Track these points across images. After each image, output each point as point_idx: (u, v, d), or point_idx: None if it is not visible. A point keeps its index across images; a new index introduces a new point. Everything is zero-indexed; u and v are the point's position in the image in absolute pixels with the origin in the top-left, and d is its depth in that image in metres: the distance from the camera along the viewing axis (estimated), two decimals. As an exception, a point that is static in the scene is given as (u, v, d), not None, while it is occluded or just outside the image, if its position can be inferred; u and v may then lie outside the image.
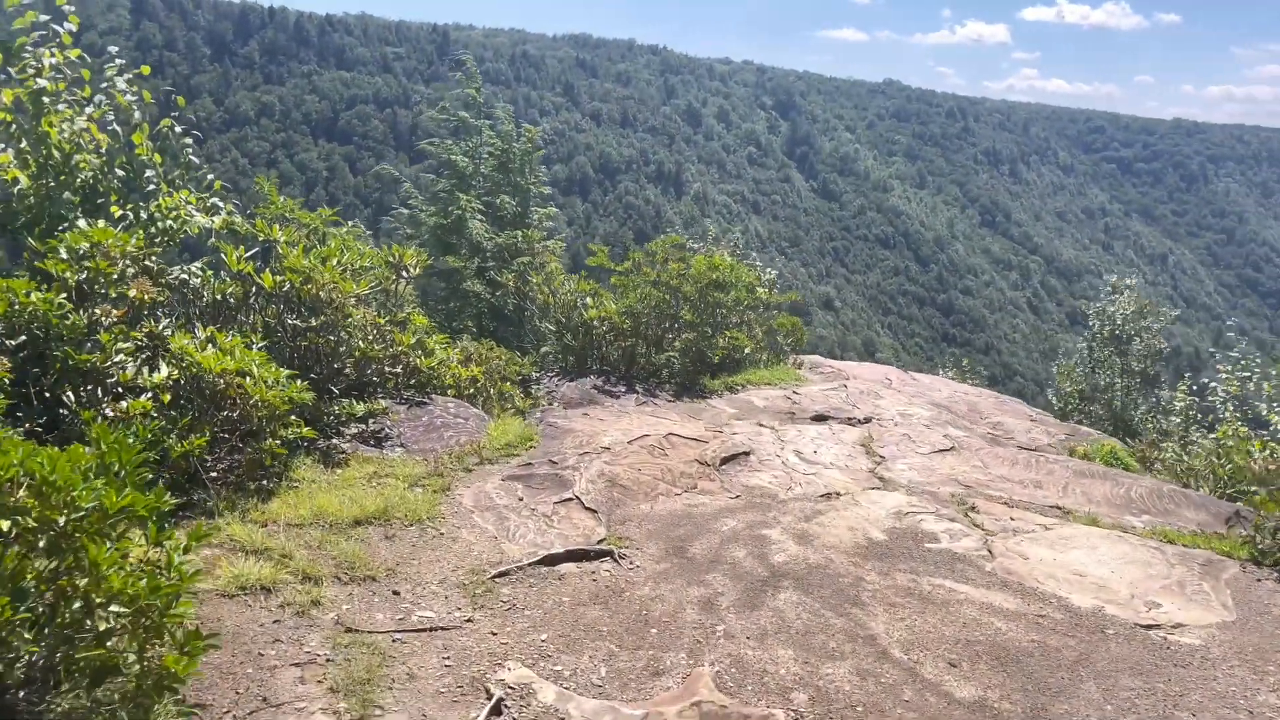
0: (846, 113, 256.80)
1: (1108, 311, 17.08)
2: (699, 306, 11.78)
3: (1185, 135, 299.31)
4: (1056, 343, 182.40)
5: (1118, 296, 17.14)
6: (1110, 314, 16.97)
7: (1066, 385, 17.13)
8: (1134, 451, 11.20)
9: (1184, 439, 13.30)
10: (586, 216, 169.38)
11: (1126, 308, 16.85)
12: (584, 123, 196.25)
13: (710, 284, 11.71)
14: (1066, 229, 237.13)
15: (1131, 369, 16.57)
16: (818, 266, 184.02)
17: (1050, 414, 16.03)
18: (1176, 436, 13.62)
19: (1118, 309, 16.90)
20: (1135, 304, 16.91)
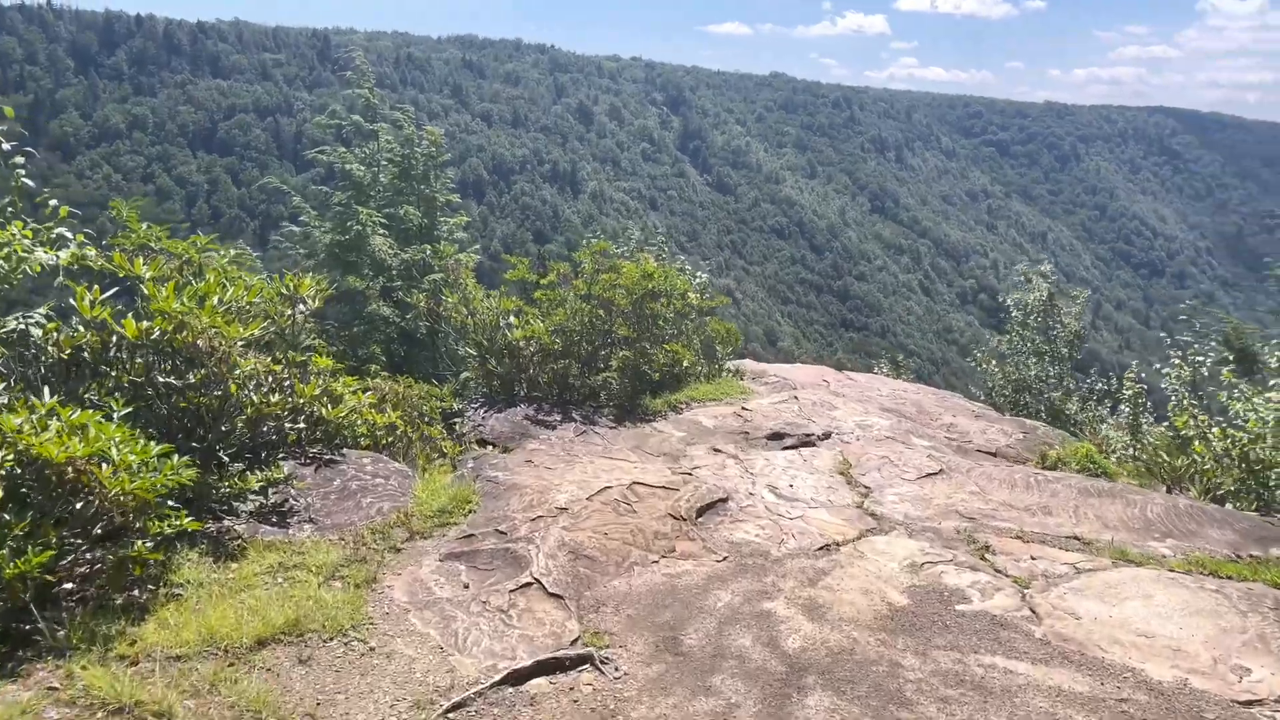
0: (736, 106, 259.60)
1: (1027, 301, 16.74)
2: (635, 320, 10.74)
3: (1056, 117, 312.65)
4: (949, 323, 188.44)
5: (1033, 284, 16.83)
6: (1030, 303, 16.64)
7: (998, 378, 16.72)
8: (1107, 454, 10.64)
9: (1134, 428, 12.89)
10: (484, 219, 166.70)
11: (1043, 294, 16.55)
12: (475, 124, 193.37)
13: (645, 294, 10.67)
14: (952, 212, 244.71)
15: (1061, 355, 16.25)
16: (716, 260, 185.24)
17: (989, 408, 15.53)
18: (1125, 427, 13.22)
19: (1035, 297, 16.58)
20: (1049, 289, 16.63)
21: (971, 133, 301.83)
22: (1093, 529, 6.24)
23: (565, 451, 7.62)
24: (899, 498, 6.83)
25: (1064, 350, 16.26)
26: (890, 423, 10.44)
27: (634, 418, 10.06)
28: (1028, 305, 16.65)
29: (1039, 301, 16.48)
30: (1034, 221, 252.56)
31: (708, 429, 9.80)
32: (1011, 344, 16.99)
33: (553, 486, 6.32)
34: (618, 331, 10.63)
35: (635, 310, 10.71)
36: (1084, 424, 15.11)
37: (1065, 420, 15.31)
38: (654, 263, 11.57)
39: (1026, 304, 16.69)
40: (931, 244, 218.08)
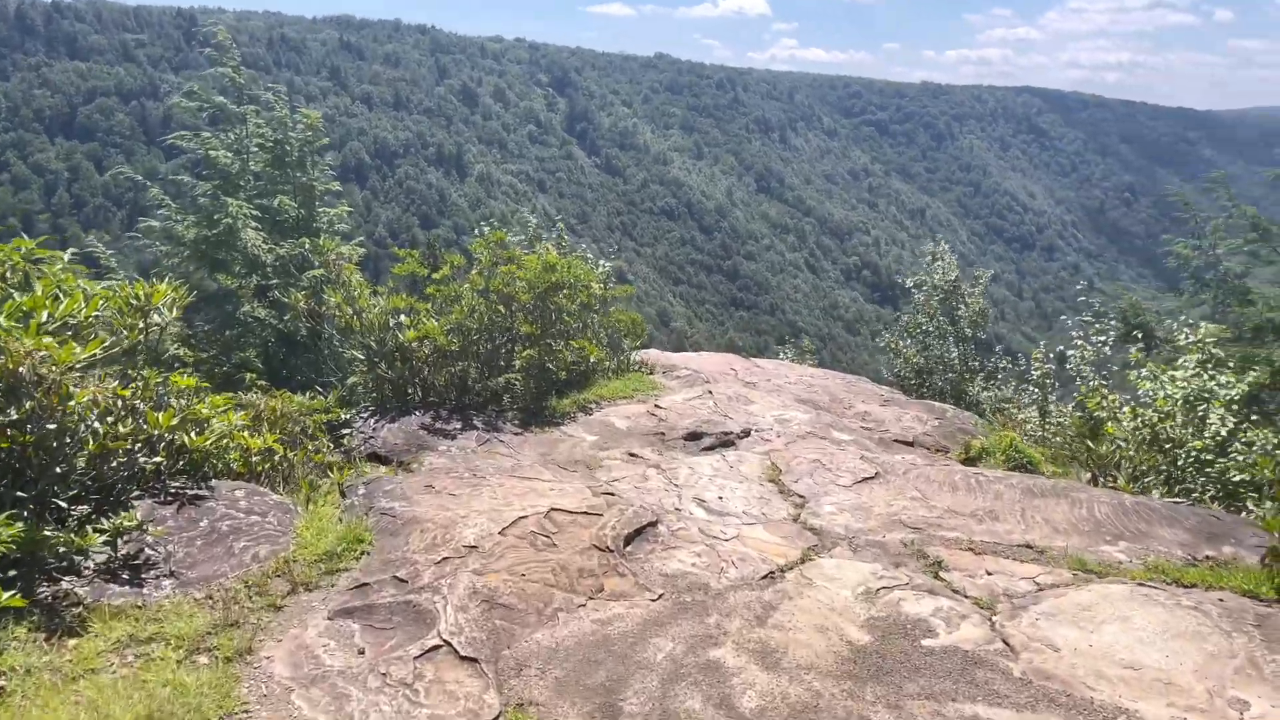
0: (622, 88, 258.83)
1: (933, 280, 16.60)
2: (538, 315, 9.97)
3: (932, 97, 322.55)
4: (835, 299, 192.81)
5: (939, 263, 16.71)
6: (936, 283, 16.50)
7: (905, 357, 16.54)
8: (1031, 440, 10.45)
9: (1042, 410, 12.83)
10: (367, 204, 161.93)
11: (949, 274, 16.45)
12: (355, 107, 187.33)
13: (549, 287, 9.91)
14: (835, 190, 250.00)
15: (965, 335, 16.19)
16: (607, 242, 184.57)
17: (897, 391, 15.36)
18: (1034, 407, 13.16)
19: (941, 276, 16.46)
20: (955, 268, 16.55)
21: (852, 112, 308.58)
22: (1043, 535, 5.84)
23: (470, 471, 6.83)
24: (836, 507, 6.32)
25: (967, 331, 16.20)
26: (809, 416, 9.98)
27: (541, 421, 9.33)
28: (934, 286, 16.52)
29: (945, 282, 16.37)
30: (913, 199, 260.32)
31: (621, 431, 9.15)
32: (916, 326, 16.85)
33: (458, 519, 5.55)
34: (520, 328, 9.86)
35: (538, 305, 9.95)
36: (987, 405, 15.07)
37: (969, 401, 15.24)
38: (555, 253, 10.81)
39: (932, 284, 16.56)
40: (816, 222, 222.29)
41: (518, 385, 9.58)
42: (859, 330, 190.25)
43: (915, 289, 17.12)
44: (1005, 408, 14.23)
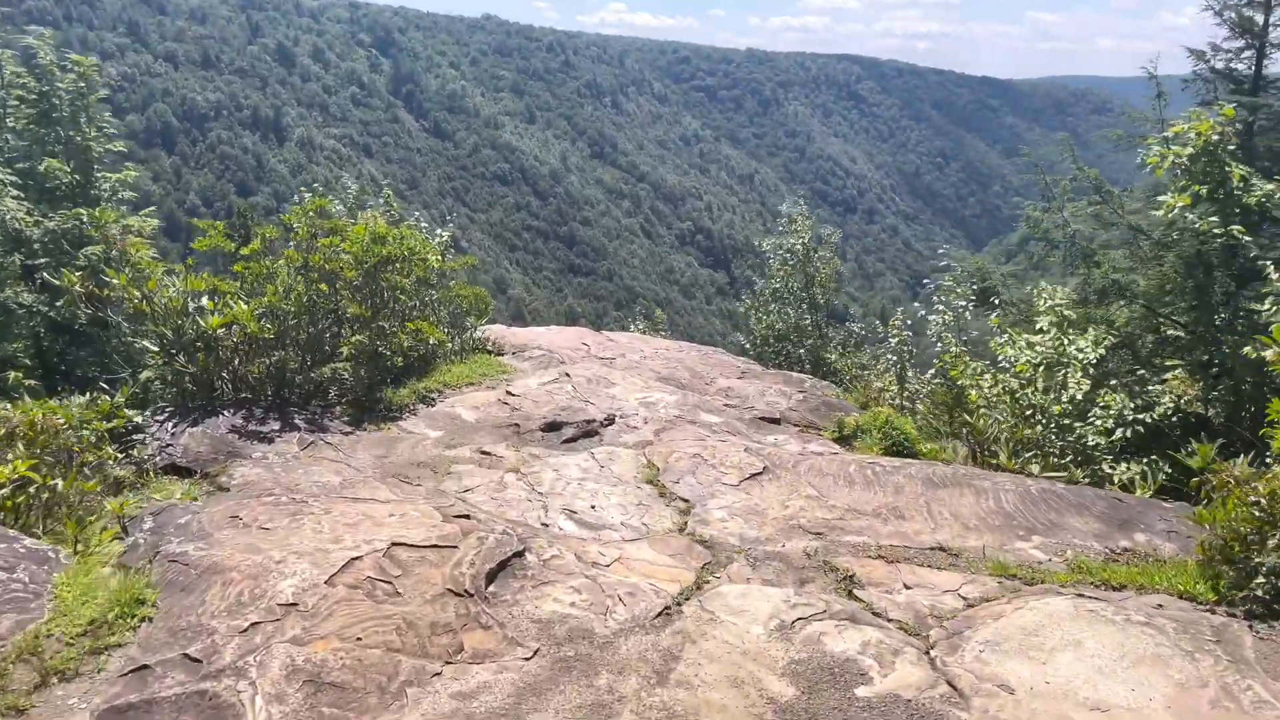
0: (449, 49, 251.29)
1: (788, 244, 16.19)
2: (368, 294, 8.72)
3: (758, 64, 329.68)
4: (670, 264, 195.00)
5: (795, 226, 16.32)
6: (792, 246, 16.09)
7: (759, 329, 16.10)
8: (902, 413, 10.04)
9: (900, 378, 12.58)
10: (176, 171, 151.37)
11: (804, 236, 16.08)
12: (158, 66, 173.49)
13: (379, 262, 8.67)
14: (668, 156, 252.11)
15: (818, 302, 15.89)
16: (439, 208, 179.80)
17: (753, 362, 14.89)
18: (892, 374, 12.91)
19: (797, 240, 16.08)
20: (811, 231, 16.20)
21: (681, 78, 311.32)
22: (954, 533, 5.25)
23: (289, 493, 5.61)
24: (727, 512, 5.53)
25: (820, 297, 15.90)
26: (675, 398, 9.20)
27: (376, 416, 8.15)
28: (789, 250, 16.08)
29: (801, 245, 15.96)
30: (742, 164, 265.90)
31: (470, 424, 8.09)
32: (773, 291, 16.40)
33: (272, 565, 4.37)
34: (348, 310, 8.58)
35: (367, 282, 8.70)
36: (843, 372, 14.82)
37: (827, 369, 14.95)
38: (384, 222, 9.53)
39: (788, 248, 16.11)
40: (650, 188, 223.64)
41: (347, 375, 8.33)
42: (694, 295, 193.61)
43: (771, 253, 16.65)
44: (863, 375, 13.98)
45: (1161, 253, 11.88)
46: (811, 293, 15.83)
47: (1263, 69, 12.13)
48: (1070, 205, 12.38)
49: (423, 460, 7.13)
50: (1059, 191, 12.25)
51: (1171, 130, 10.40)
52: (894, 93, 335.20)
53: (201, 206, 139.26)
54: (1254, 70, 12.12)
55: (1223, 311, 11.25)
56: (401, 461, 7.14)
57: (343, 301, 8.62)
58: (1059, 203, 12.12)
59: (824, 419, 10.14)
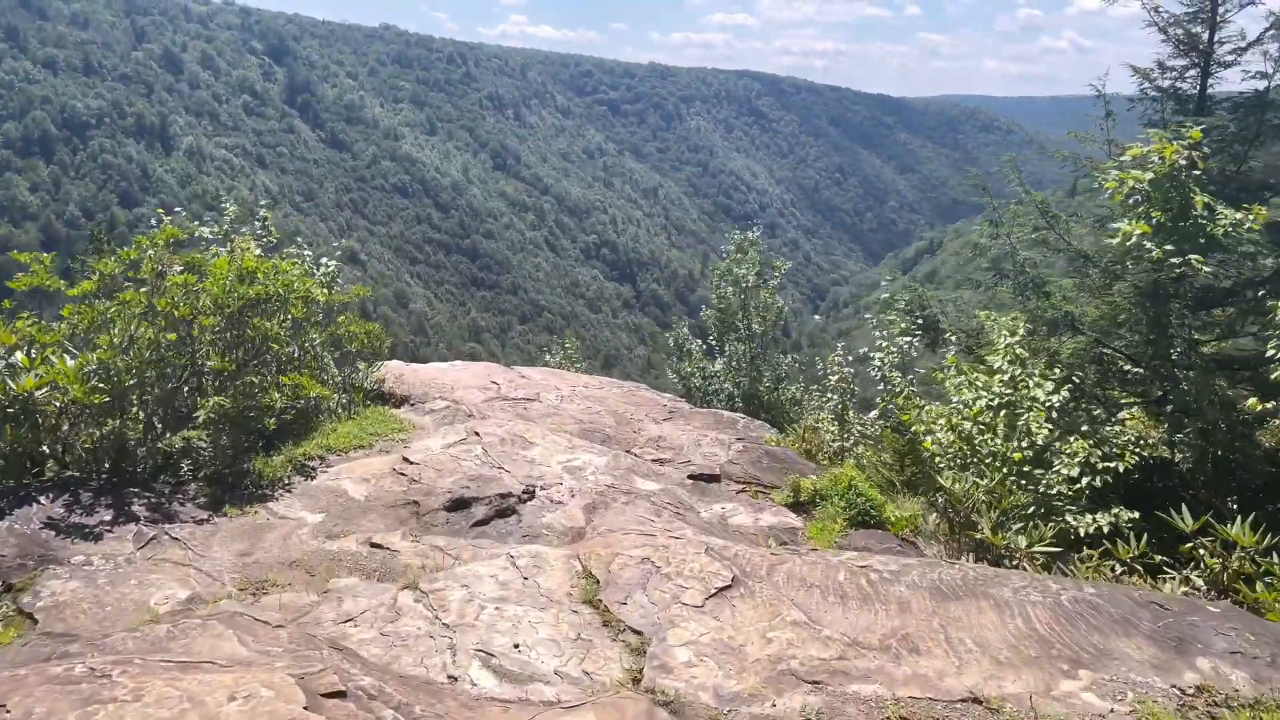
0: (346, 59, 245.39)
1: (735, 274, 15.01)
2: (232, 343, 7.20)
3: (660, 79, 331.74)
4: (575, 277, 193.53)
5: (743, 256, 15.16)
6: (739, 276, 14.92)
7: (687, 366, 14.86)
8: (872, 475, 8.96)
9: (841, 419, 11.52)
10: (55, 180, 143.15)
11: (754, 267, 14.94)
12: (37, 72, 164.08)
13: (246, 305, 7.16)
14: (571, 169, 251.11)
15: (753, 334, 14.79)
16: (337, 220, 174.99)
17: (679, 400, 13.73)
18: (828, 414, 11.85)
19: (745, 270, 14.93)
20: (756, 263, 15.06)
21: (584, 91, 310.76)
22: (985, 672, 4.11)
23: (95, 649, 4.11)
24: (693, 650, 4.24)
25: (756, 328, 14.79)
26: (605, 460, 7.90)
27: (240, 495, 6.63)
28: (736, 280, 14.87)
29: (748, 277, 14.80)
30: (646, 178, 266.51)
31: (358, 503, 6.64)
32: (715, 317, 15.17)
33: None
34: (207, 363, 7.04)
35: (232, 329, 7.17)
36: (776, 407, 13.74)
37: (757, 403, 13.85)
38: (256, 252, 7.98)
39: (736, 277, 14.90)
40: (554, 200, 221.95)
41: (204, 445, 6.78)
42: (601, 308, 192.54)
43: (719, 283, 15.39)
44: (797, 410, 12.91)
45: (1111, 281, 11.16)
46: (748, 323, 14.73)
47: (1207, 88, 11.57)
48: (1015, 230, 11.57)
49: (296, 558, 5.68)
50: (1004, 216, 11.41)
51: (1129, 153, 9.65)
52: (793, 109, 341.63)
53: (82, 218, 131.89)
54: (1199, 90, 11.54)
55: (1177, 344, 10.55)
56: (270, 560, 5.68)
57: (202, 353, 7.08)
58: (1006, 227, 11.28)
59: (770, 474, 9.00)
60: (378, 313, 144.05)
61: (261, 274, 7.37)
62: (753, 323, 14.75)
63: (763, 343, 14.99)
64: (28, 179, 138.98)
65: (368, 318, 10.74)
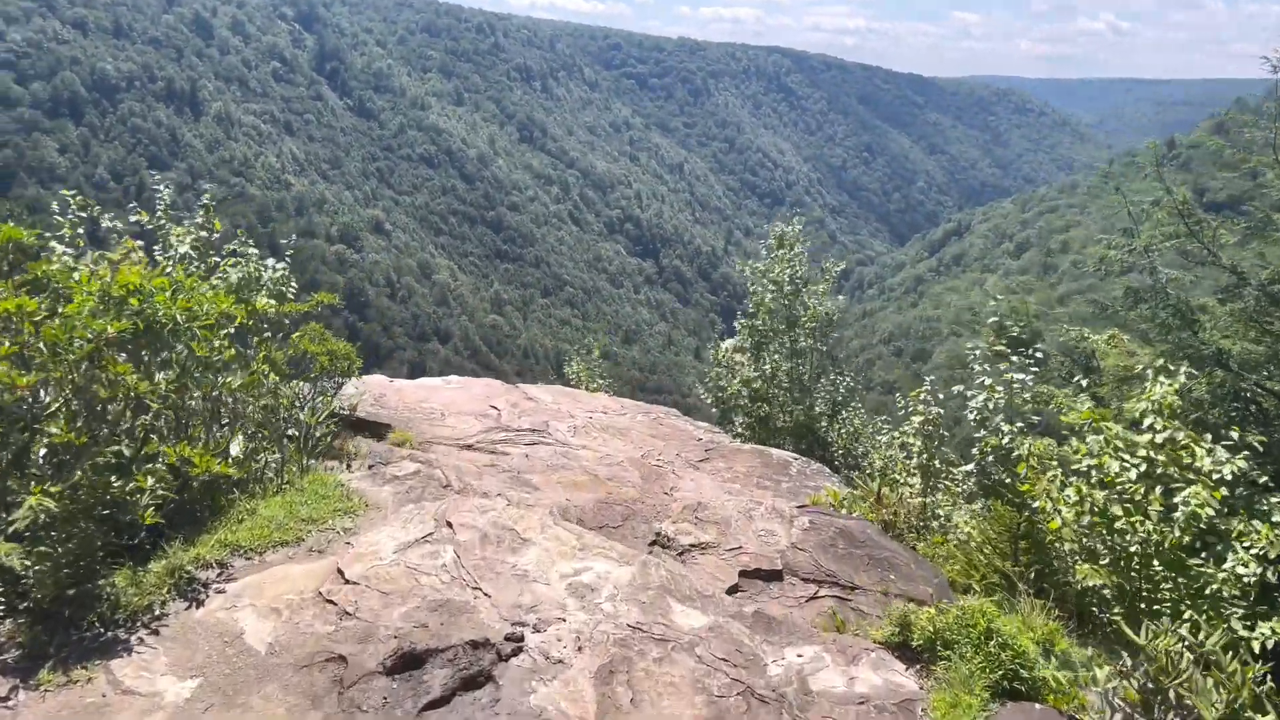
0: (376, 26, 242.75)
1: (775, 274, 12.44)
2: (87, 403, 4.90)
3: (689, 53, 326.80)
4: (599, 251, 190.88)
5: (786, 251, 12.61)
6: (778, 277, 12.36)
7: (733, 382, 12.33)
8: None
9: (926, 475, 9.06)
10: (84, 143, 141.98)
11: (799, 267, 12.38)
12: (66, 32, 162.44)
13: (106, 343, 4.85)
14: (597, 142, 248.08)
15: (800, 348, 12.30)
16: (362, 189, 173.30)
17: (717, 432, 11.38)
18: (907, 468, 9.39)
19: (787, 269, 12.39)
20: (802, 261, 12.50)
21: (612, 65, 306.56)
22: None
23: None
24: None
25: (804, 341, 12.33)
26: (629, 573, 5.54)
27: (74, 644, 4.37)
28: (774, 281, 12.37)
29: (789, 277, 12.29)
30: (672, 153, 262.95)
31: (254, 658, 4.36)
32: (750, 332, 12.67)
33: None
34: (49, 433, 4.76)
35: (85, 380, 4.87)
36: (834, 444, 11.31)
37: (817, 440, 11.43)
38: (136, 267, 5.62)
39: (772, 279, 12.40)
40: (579, 174, 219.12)
41: (18, 567, 4.50)
42: (622, 283, 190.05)
43: (753, 284, 12.87)
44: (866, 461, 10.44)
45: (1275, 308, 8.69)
46: (794, 336, 12.26)
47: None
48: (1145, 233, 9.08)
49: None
50: (1143, 226, 8.88)
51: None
52: (822, 86, 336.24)
53: (111, 181, 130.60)
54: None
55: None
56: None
57: (44, 412, 4.80)
58: (1144, 238, 8.78)
59: (849, 566, 6.67)
60: (401, 283, 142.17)
61: (147, 294, 5.08)
62: (799, 335, 12.27)
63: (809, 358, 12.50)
64: (56, 140, 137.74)
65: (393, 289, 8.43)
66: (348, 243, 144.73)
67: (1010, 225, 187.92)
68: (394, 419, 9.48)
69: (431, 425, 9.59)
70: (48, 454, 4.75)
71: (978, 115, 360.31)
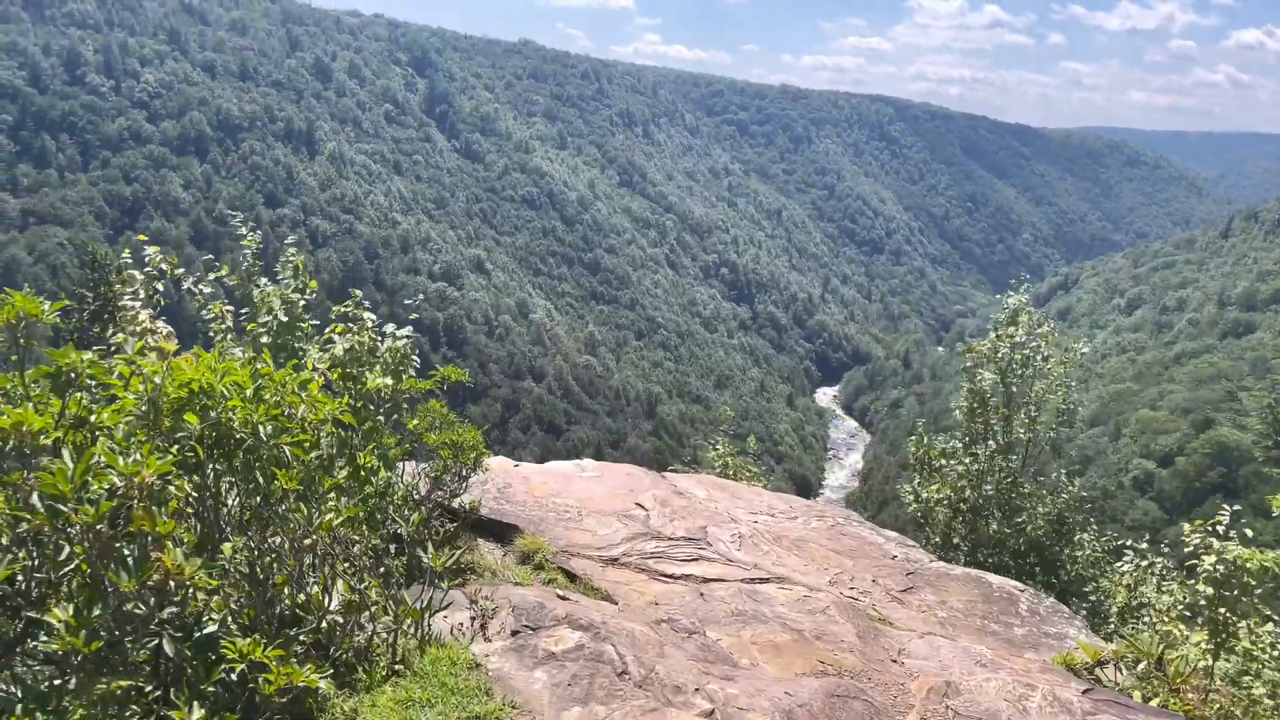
0: (484, 71, 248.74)
1: (1000, 351, 10.23)
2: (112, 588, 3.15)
3: (791, 100, 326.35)
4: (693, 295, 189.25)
5: (1014, 328, 10.39)
6: (1007, 358, 10.15)
7: (936, 488, 10.12)
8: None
9: (1221, 627, 6.73)
10: (207, 179, 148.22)
11: (1039, 349, 10.08)
12: (196, 75, 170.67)
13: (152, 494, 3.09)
14: (696, 187, 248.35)
15: (1018, 441, 10.03)
16: (466, 229, 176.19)
17: (916, 548, 9.20)
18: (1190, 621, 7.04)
19: (1020, 352, 10.15)
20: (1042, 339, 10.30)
21: (714, 111, 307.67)
22: None
23: None
24: None
25: (1020, 432, 10.04)
26: None
27: None
28: (1003, 365, 10.16)
29: (1026, 359, 10.09)
30: (770, 199, 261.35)
31: None
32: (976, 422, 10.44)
33: None
34: (40, 628, 3.00)
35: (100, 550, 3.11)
36: (1073, 569, 8.99)
37: (1046, 559, 9.11)
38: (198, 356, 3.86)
39: (1000, 356, 10.19)
40: (677, 218, 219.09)
41: None
42: (716, 327, 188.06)
43: (975, 370, 10.65)
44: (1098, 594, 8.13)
45: None
46: (1010, 430, 9.99)
47: None
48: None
49: None
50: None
51: None
52: (925, 135, 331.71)
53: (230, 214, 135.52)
54: None
55: None
56: None
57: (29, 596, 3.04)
58: None
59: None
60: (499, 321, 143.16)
61: (209, 400, 3.32)
62: (1015, 425, 10.02)
63: (1024, 452, 10.24)
64: (181, 176, 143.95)
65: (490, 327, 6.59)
66: (449, 280, 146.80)
67: (1122, 280, 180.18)
68: (522, 518, 7.67)
69: (567, 528, 7.73)
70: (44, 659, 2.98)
71: (1087, 167, 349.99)
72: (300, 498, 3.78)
